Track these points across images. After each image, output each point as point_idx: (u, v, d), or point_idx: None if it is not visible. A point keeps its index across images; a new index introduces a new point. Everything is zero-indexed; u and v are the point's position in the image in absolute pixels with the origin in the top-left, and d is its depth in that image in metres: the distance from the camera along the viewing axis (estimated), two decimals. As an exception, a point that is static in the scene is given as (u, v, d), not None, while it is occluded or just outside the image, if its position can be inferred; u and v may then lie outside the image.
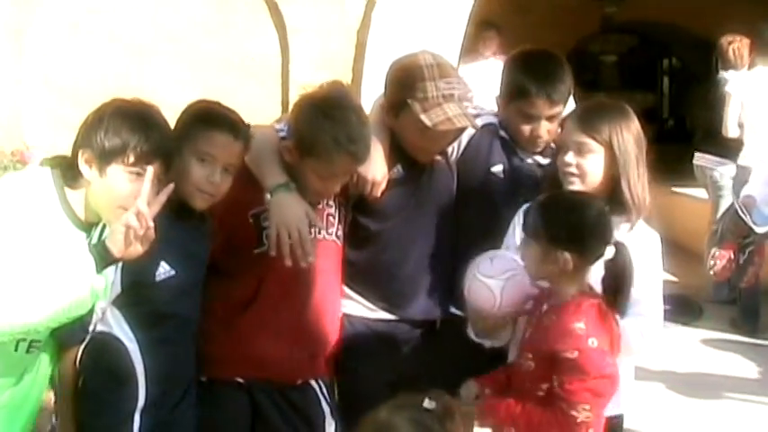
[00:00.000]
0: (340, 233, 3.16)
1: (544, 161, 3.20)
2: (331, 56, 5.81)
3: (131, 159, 2.51)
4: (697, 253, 7.91)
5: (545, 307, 2.73)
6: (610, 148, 2.85)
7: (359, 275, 3.22)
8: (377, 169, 3.07)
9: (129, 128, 2.52)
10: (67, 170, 2.59)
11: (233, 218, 2.95)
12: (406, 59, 3.09)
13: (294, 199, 2.93)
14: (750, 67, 7.15)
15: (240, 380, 3.05)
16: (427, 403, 2.31)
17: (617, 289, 2.68)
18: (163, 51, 5.87)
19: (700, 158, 7.39)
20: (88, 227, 2.62)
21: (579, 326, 2.60)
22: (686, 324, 6.91)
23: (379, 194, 3.10)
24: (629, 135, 2.87)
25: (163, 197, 2.55)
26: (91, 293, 2.50)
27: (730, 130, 7.06)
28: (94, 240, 2.61)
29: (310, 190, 2.98)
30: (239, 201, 2.91)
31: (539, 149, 3.19)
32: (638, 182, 2.86)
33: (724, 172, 7.21)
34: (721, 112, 7.13)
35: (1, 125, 5.64)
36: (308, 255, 2.89)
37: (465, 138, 3.20)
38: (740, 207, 4.23)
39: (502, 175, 3.20)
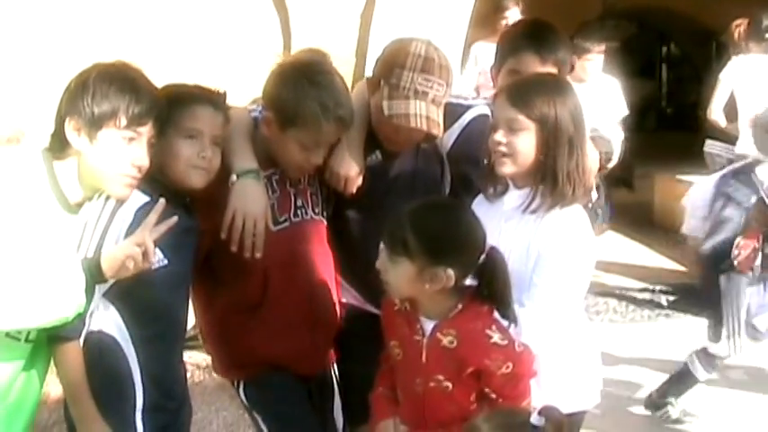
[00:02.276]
0: (326, 212, 3.07)
1: None
2: (334, 38, 5.69)
3: (124, 122, 2.43)
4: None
5: (428, 326, 2.55)
6: (542, 124, 2.64)
7: (344, 265, 3.14)
8: (351, 165, 2.96)
9: (118, 90, 2.43)
10: (55, 142, 2.49)
11: (217, 220, 2.81)
12: (401, 42, 2.96)
13: (259, 189, 2.83)
14: (745, 53, 7.02)
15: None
16: (536, 419, 2.17)
17: (497, 299, 2.52)
18: (159, 34, 5.74)
19: (710, 146, 7.28)
20: (78, 208, 2.52)
21: (497, 336, 2.47)
22: (697, 314, 6.79)
23: (353, 191, 2.99)
24: (565, 111, 2.66)
25: (163, 228, 2.50)
26: (75, 313, 2.43)
27: (714, 112, 7.00)
28: (94, 213, 2.55)
29: (292, 164, 2.89)
30: (219, 200, 2.80)
31: None
32: (572, 162, 2.67)
33: (734, 158, 7.10)
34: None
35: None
36: (257, 249, 2.79)
37: (456, 129, 3.08)
38: (766, 195, 4.11)
39: None
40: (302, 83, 2.78)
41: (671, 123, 15.71)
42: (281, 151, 2.87)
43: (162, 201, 2.53)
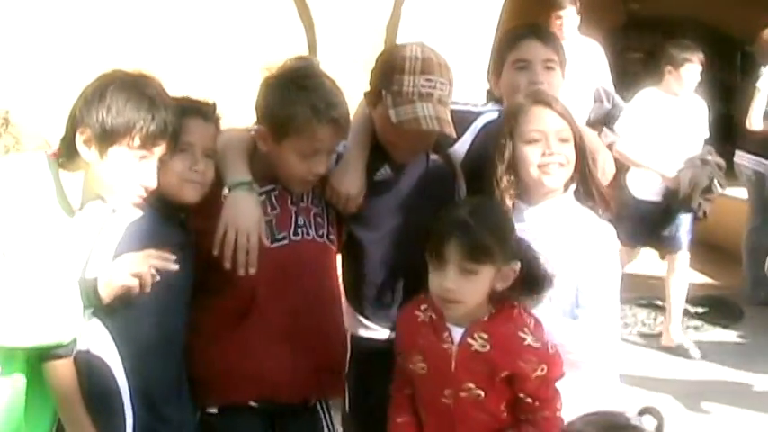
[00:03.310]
0: (332, 236, 2.92)
1: None
2: (359, 51, 5.66)
3: (137, 142, 2.38)
4: (734, 253, 7.77)
5: (457, 332, 2.48)
6: (576, 134, 2.69)
7: (360, 293, 3.01)
8: (351, 183, 2.86)
9: (134, 106, 2.37)
10: (63, 149, 2.44)
11: (211, 227, 2.70)
12: (394, 48, 2.90)
13: (252, 202, 2.72)
14: None
15: (253, 403, 2.82)
16: (636, 419, 2.12)
17: (533, 288, 2.50)
18: (184, 49, 5.72)
19: (739, 157, 7.20)
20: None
21: (531, 338, 2.43)
22: (726, 327, 6.75)
23: (354, 210, 2.89)
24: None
25: (161, 265, 2.45)
26: (72, 338, 2.41)
27: (753, 123, 6.91)
28: (87, 222, 2.48)
29: (294, 178, 2.78)
30: (215, 208, 2.70)
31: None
32: (594, 171, 2.72)
33: (764, 171, 7.03)
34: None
35: (23, 123, 5.53)
36: (250, 265, 2.66)
37: (468, 138, 3.01)
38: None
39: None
40: (290, 89, 2.69)
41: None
42: (281, 165, 2.76)
43: (173, 260, 2.48)
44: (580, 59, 6.12)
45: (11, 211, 2.32)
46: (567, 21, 6.68)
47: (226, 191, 2.72)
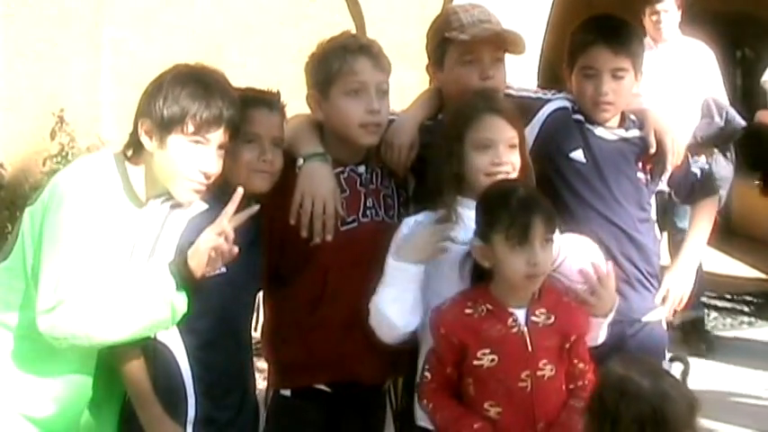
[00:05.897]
0: (403, 217, 2.93)
1: (628, 134, 3.02)
2: (409, 47, 5.67)
3: (191, 128, 2.44)
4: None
5: (520, 314, 2.52)
6: (522, 138, 2.78)
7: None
8: (403, 134, 2.88)
9: (189, 95, 2.44)
10: (131, 143, 2.52)
11: (283, 212, 2.76)
12: (437, 16, 3.02)
13: (327, 172, 2.78)
14: None
15: (326, 388, 2.86)
16: (668, 365, 2.25)
17: None
18: (237, 44, 5.80)
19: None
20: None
21: (572, 302, 2.59)
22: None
23: (408, 164, 2.90)
24: None
25: (243, 216, 2.49)
26: (172, 314, 2.44)
27: None
28: (150, 216, 2.53)
29: (353, 126, 2.78)
30: (285, 192, 2.74)
31: (606, 114, 2.98)
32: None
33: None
34: None
35: (78, 121, 5.62)
36: (327, 232, 2.72)
37: (536, 126, 2.99)
38: None
39: (584, 160, 2.98)
40: (326, 48, 2.82)
41: (746, 128, 15.39)
42: (338, 119, 2.80)
43: (240, 190, 2.50)
44: (684, 65, 5.48)
45: (92, 211, 2.40)
46: (667, 17, 5.56)
47: (300, 161, 2.77)
